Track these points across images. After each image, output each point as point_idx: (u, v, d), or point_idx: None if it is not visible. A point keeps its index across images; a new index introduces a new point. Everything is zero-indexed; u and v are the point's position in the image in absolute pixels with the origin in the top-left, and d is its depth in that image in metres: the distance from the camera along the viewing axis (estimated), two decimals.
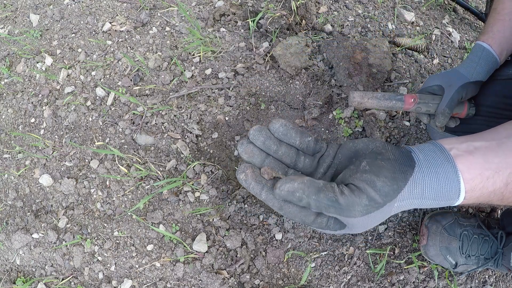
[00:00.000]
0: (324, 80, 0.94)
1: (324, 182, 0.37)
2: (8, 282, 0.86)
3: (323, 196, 0.35)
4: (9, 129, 0.97)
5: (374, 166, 0.37)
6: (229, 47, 0.97)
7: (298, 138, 0.43)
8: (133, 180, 0.86)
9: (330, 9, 1.04)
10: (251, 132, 0.42)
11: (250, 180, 0.39)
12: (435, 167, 0.38)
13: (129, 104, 0.93)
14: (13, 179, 0.93)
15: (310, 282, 0.81)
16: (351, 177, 0.38)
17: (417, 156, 0.40)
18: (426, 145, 0.41)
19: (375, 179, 0.36)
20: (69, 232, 0.85)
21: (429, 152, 0.40)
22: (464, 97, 0.65)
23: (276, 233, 0.82)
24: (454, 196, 0.38)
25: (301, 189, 0.35)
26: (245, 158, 0.41)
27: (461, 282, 0.82)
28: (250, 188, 0.39)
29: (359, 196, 0.36)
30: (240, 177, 0.40)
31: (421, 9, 1.12)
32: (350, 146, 0.42)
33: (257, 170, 0.41)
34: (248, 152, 0.42)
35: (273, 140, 0.42)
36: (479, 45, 0.67)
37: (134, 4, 1.06)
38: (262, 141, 0.42)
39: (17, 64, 1.04)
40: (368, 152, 0.40)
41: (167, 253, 0.82)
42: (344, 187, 0.37)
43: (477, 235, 0.77)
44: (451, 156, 0.38)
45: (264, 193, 0.39)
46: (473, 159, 0.38)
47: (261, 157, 0.42)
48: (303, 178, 0.36)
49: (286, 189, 0.36)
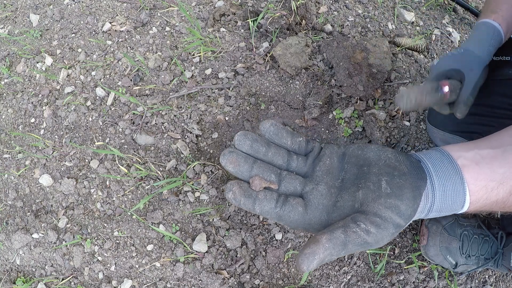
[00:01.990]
0: (324, 80, 0.94)
1: (343, 228, 0.34)
2: (8, 282, 0.86)
3: (351, 247, 0.34)
4: (9, 129, 0.97)
5: (395, 187, 0.36)
6: (229, 47, 0.97)
7: (289, 138, 0.41)
8: (133, 180, 0.86)
9: (330, 9, 1.04)
10: (236, 138, 0.40)
11: (239, 198, 0.37)
12: (443, 180, 0.37)
13: (129, 104, 0.93)
14: (13, 179, 0.93)
15: (310, 282, 0.81)
16: (374, 202, 0.35)
17: (426, 167, 0.38)
18: (433, 152, 0.40)
19: (399, 204, 0.35)
20: (69, 232, 0.85)
21: (437, 162, 0.39)
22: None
23: (276, 233, 0.82)
24: (458, 208, 0.38)
25: (327, 251, 0.33)
26: (230, 169, 0.39)
27: (461, 282, 0.82)
28: (241, 206, 0.37)
29: (386, 228, 0.34)
30: (228, 197, 0.37)
31: (421, 9, 1.12)
32: (358, 153, 0.40)
33: (245, 185, 0.38)
34: (233, 161, 0.38)
35: (260, 142, 0.40)
36: (490, 24, 0.59)
37: (134, 4, 1.06)
38: (249, 144, 0.40)
39: (17, 64, 1.04)
40: (382, 164, 0.38)
41: (167, 253, 0.82)
42: (368, 225, 0.34)
43: (477, 235, 0.77)
44: (459, 167, 0.38)
45: (257, 207, 0.37)
46: (480, 170, 0.38)
47: (248, 164, 0.39)
48: (322, 239, 0.33)
49: (315, 258, 0.33)
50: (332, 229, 0.34)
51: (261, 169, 0.39)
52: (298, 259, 0.33)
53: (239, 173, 0.39)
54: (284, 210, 0.37)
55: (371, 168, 0.38)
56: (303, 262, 0.32)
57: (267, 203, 0.37)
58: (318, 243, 0.33)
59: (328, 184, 0.39)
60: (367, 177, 0.37)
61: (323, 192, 0.39)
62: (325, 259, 0.33)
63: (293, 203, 0.38)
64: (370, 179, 0.37)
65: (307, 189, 0.39)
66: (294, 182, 0.40)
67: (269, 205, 0.37)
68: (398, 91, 0.87)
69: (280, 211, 0.37)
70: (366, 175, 0.38)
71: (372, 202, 0.35)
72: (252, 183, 0.38)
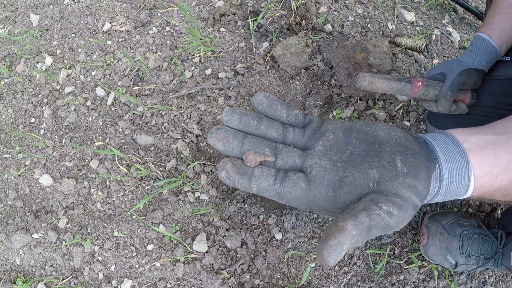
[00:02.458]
0: (324, 80, 0.94)
1: (366, 212, 0.31)
2: (8, 282, 0.86)
3: (375, 231, 0.31)
4: (9, 129, 0.97)
5: (411, 167, 0.34)
6: (229, 47, 0.97)
7: (284, 110, 0.38)
8: (133, 180, 0.86)
9: (330, 9, 1.04)
10: (224, 114, 0.36)
11: (233, 176, 0.33)
12: (450, 163, 0.36)
13: (129, 104, 0.93)
14: (13, 179, 0.93)
15: (310, 282, 0.81)
16: (393, 182, 0.33)
17: (433, 149, 0.37)
18: (439, 135, 0.39)
19: (417, 184, 0.33)
20: (69, 232, 0.85)
21: (443, 145, 0.37)
22: (466, 81, 0.66)
23: (276, 233, 0.82)
24: (462, 192, 0.37)
25: (354, 239, 0.30)
26: (219, 148, 0.35)
27: (461, 282, 0.82)
28: (236, 185, 0.34)
29: (407, 210, 0.32)
30: (221, 176, 0.34)
31: (421, 9, 1.12)
32: (367, 130, 0.38)
33: (238, 162, 0.34)
34: (221, 138, 0.35)
35: (251, 115, 0.37)
36: (479, 36, 0.68)
37: (134, 4, 1.06)
38: (238, 119, 0.36)
39: (17, 64, 1.04)
40: (393, 143, 0.36)
41: (167, 253, 0.82)
42: (390, 206, 0.32)
43: (477, 235, 0.77)
44: (465, 151, 0.37)
45: (254, 185, 0.33)
46: (485, 156, 0.37)
47: (238, 139, 0.35)
48: (347, 225, 0.30)
49: (343, 249, 0.29)
50: (355, 214, 0.31)
51: (253, 143, 0.35)
52: (322, 252, 0.29)
53: (230, 151, 0.35)
54: (285, 186, 0.34)
55: (382, 146, 0.36)
56: (330, 255, 0.29)
57: (264, 179, 0.34)
58: (344, 231, 0.30)
59: (333, 159, 0.36)
60: (380, 156, 0.35)
61: (327, 167, 0.35)
62: (350, 248, 0.30)
63: (294, 178, 0.34)
64: (384, 158, 0.35)
65: (308, 163, 0.36)
66: (292, 155, 0.36)
67: (267, 181, 0.34)
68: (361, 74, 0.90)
69: (280, 188, 0.34)
70: (378, 153, 0.35)
71: (390, 181, 0.33)
72: (245, 158, 0.34)
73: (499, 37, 0.67)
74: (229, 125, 0.36)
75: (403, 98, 0.93)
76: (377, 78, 0.66)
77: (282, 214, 0.83)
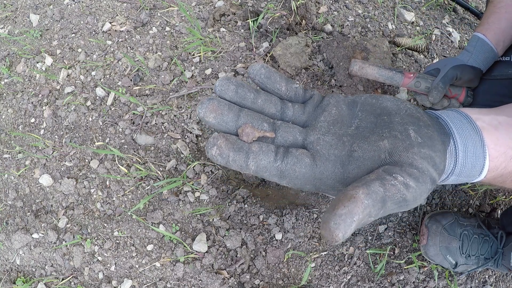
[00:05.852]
0: (324, 80, 0.94)
1: (380, 181, 0.27)
2: (8, 282, 0.86)
3: (390, 205, 0.27)
4: (9, 129, 0.97)
5: (425, 137, 0.30)
6: (229, 47, 0.97)
7: (283, 83, 0.34)
8: (133, 180, 0.86)
9: (330, 9, 1.04)
10: (218, 84, 0.32)
11: (226, 152, 0.29)
12: (464, 139, 0.33)
13: (129, 104, 0.93)
14: (13, 179, 0.93)
15: (310, 282, 0.81)
16: (407, 151, 0.29)
17: (447, 124, 0.34)
18: (450, 112, 0.36)
19: (433, 155, 0.30)
20: (69, 232, 0.85)
21: (456, 121, 0.34)
22: (459, 76, 0.68)
23: (276, 233, 0.82)
24: (476, 173, 0.34)
25: (366, 210, 0.26)
26: (211, 120, 0.31)
27: (461, 282, 0.82)
28: (230, 163, 0.29)
29: (425, 182, 0.29)
30: (212, 154, 0.29)
31: (421, 9, 1.12)
32: (373, 102, 0.34)
33: (232, 137, 0.30)
34: (214, 109, 0.30)
35: (247, 87, 0.33)
36: (474, 36, 0.70)
37: (134, 4, 1.06)
38: (234, 90, 0.32)
39: (17, 64, 1.04)
40: (403, 114, 0.33)
41: (167, 253, 0.82)
42: (406, 177, 0.28)
43: (477, 235, 0.77)
44: (479, 128, 0.34)
45: (252, 162, 0.29)
46: (499, 135, 0.34)
47: (233, 112, 0.31)
48: (359, 194, 0.26)
49: (354, 220, 0.25)
50: (367, 182, 0.27)
51: (250, 117, 0.31)
52: (329, 224, 0.25)
53: (223, 124, 0.31)
54: (287, 163, 0.30)
55: (392, 117, 0.32)
56: (338, 227, 0.24)
57: (264, 156, 0.29)
58: (356, 200, 0.25)
59: (338, 134, 0.32)
60: (391, 126, 0.31)
61: (332, 142, 0.32)
62: (362, 221, 0.26)
63: (297, 154, 0.30)
64: (395, 128, 0.31)
65: (311, 138, 0.32)
66: (292, 131, 0.33)
67: (266, 158, 0.30)
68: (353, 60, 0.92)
69: (282, 165, 0.30)
70: (388, 124, 0.32)
71: (404, 151, 0.29)
72: (242, 132, 0.30)
73: (495, 36, 0.69)
74: (223, 96, 0.32)
75: (402, 97, 0.93)
76: (368, 64, 0.69)
77: (282, 214, 0.83)
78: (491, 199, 0.90)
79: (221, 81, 0.32)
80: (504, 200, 0.90)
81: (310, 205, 0.85)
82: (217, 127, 0.31)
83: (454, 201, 0.89)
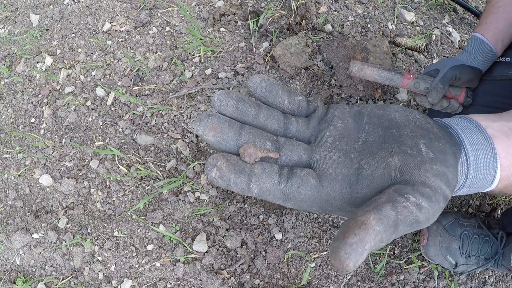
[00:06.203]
0: (324, 80, 0.94)
1: (391, 204, 0.26)
2: (8, 282, 0.86)
3: (402, 228, 0.26)
4: (9, 129, 0.97)
5: (437, 152, 0.29)
6: (229, 47, 0.97)
7: (286, 97, 0.32)
8: (133, 180, 0.86)
9: (330, 9, 1.04)
10: (216, 98, 0.30)
11: (227, 175, 0.27)
12: (475, 149, 0.32)
13: (129, 104, 0.93)
14: (13, 179, 0.93)
15: (310, 282, 0.81)
16: (419, 169, 0.28)
17: (457, 133, 0.33)
18: (459, 120, 0.35)
19: (446, 171, 0.28)
20: (69, 232, 0.85)
21: (466, 129, 0.33)
22: (458, 76, 0.68)
23: (276, 233, 0.82)
24: (487, 184, 0.33)
25: (378, 236, 0.24)
26: (210, 139, 0.29)
27: (461, 282, 0.82)
28: (231, 185, 0.28)
29: (437, 201, 0.27)
30: (212, 176, 0.27)
31: (421, 9, 1.12)
32: (380, 113, 0.33)
33: (233, 158, 0.28)
34: (213, 127, 0.28)
35: (249, 102, 0.31)
36: (473, 36, 0.71)
37: (134, 4, 1.06)
38: (234, 105, 0.30)
39: (17, 64, 1.04)
40: (413, 126, 0.31)
41: (167, 253, 0.82)
42: (419, 197, 0.26)
43: (478, 235, 0.77)
44: (490, 137, 0.32)
45: (255, 185, 0.28)
46: (510, 143, 0.33)
47: (234, 130, 0.29)
48: (370, 220, 0.24)
49: (366, 249, 0.24)
50: (377, 206, 0.26)
51: (252, 135, 0.30)
52: (339, 253, 0.23)
53: (223, 143, 0.29)
54: (292, 185, 0.28)
55: (401, 130, 0.31)
56: (349, 257, 0.23)
57: (267, 178, 0.28)
58: (367, 227, 0.24)
59: (345, 150, 0.31)
60: (400, 141, 0.30)
61: (339, 160, 0.30)
62: (373, 248, 0.24)
63: (302, 175, 0.29)
64: (405, 143, 0.29)
65: (316, 157, 0.30)
66: (297, 149, 0.31)
67: (270, 180, 0.28)
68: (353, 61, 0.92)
69: (287, 187, 0.28)
70: (397, 138, 0.30)
71: (416, 169, 0.28)
72: (244, 153, 0.28)
73: (494, 36, 0.69)
74: (222, 112, 0.30)
75: (402, 98, 0.93)
76: (367, 66, 0.69)
77: (282, 214, 0.83)
78: (491, 199, 0.90)
79: (220, 96, 0.30)
80: (504, 200, 0.91)
81: None
82: (217, 146, 0.29)
83: (454, 201, 0.89)
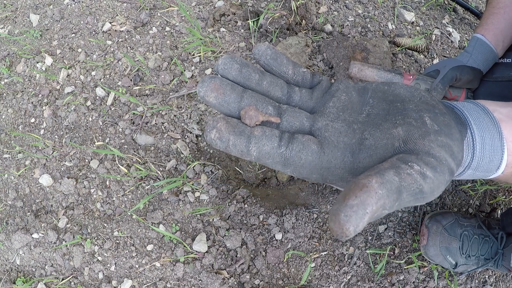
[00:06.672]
0: None
1: (394, 170, 0.25)
2: (8, 282, 0.86)
3: (406, 197, 0.25)
4: (9, 129, 0.97)
5: (442, 125, 0.28)
6: (229, 47, 0.97)
7: (290, 67, 0.32)
8: (133, 180, 0.86)
9: (330, 9, 1.04)
10: (221, 62, 0.30)
11: (227, 136, 0.26)
12: (481, 131, 0.31)
13: (129, 104, 0.93)
14: (13, 179, 0.93)
15: (310, 282, 0.81)
16: (423, 139, 0.27)
17: (463, 114, 0.32)
18: (466, 103, 0.34)
19: (451, 143, 0.28)
20: (69, 232, 0.85)
21: (472, 111, 0.32)
22: (458, 77, 0.68)
23: (276, 233, 0.82)
24: (494, 168, 0.32)
25: (380, 201, 0.23)
26: (212, 100, 0.28)
27: (461, 282, 0.82)
28: (230, 147, 0.27)
29: (442, 172, 0.26)
30: (211, 137, 0.27)
31: (421, 9, 1.12)
32: (385, 89, 0.32)
33: (233, 120, 0.28)
34: (215, 88, 0.28)
35: (252, 67, 0.31)
36: (474, 37, 0.72)
37: (134, 4, 1.06)
38: (238, 69, 0.30)
39: (17, 64, 1.04)
40: (417, 101, 0.30)
41: (167, 253, 0.82)
42: (423, 166, 0.25)
43: (478, 236, 0.77)
44: (497, 120, 0.32)
45: (254, 147, 0.27)
46: None
47: (236, 93, 0.29)
48: (372, 183, 0.23)
49: (367, 212, 0.22)
50: (380, 171, 0.24)
51: (254, 99, 0.29)
52: (338, 216, 0.22)
53: (225, 105, 0.29)
54: (292, 149, 0.27)
55: (405, 104, 0.30)
56: (349, 220, 0.22)
57: (267, 141, 0.27)
58: (369, 189, 0.23)
59: (348, 121, 0.30)
60: (404, 113, 0.29)
61: (341, 129, 0.29)
62: (375, 214, 0.23)
63: (303, 140, 0.28)
64: (409, 115, 0.29)
65: (318, 125, 0.30)
66: (299, 116, 0.30)
67: (270, 143, 0.27)
68: (352, 61, 0.92)
69: (287, 151, 0.27)
70: (401, 111, 0.30)
71: (420, 139, 0.27)
72: (244, 114, 0.28)
73: (495, 36, 0.69)
74: (225, 75, 0.30)
75: None
76: (367, 66, 0.69)
77: (282, 214, 0.83)
78: (491, 199, 0.90)
79: (224, 60, 0.30)
80: (504, 200, 0.90)
81: (310, 205, 0.85)
82: (218, 108, 0.29)
83: (454, 201, 0.89)
